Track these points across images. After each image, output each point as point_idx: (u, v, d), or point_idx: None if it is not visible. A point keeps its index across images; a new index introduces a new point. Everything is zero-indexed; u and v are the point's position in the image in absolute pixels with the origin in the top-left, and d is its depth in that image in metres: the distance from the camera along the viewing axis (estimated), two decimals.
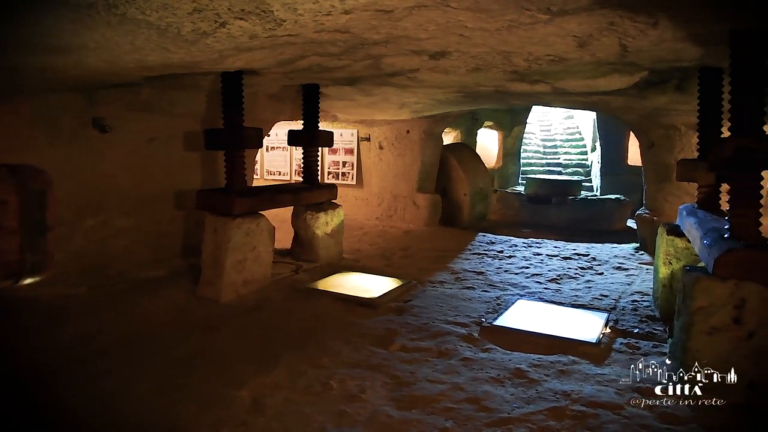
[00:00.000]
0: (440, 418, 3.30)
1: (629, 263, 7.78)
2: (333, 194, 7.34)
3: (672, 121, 8.07)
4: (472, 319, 5.07)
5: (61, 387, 3.59)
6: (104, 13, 2.79)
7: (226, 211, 5.45)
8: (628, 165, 14.95)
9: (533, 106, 15.84)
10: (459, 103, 8.35)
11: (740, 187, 3.70)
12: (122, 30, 3.16)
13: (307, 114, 6.96)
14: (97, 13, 2.79)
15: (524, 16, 3.45)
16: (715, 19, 3.37)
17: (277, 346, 4.32)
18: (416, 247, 8.52)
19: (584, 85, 5.90)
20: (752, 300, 3.38)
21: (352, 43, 4.25)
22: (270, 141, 11.74)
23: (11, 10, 2.67)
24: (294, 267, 6.66)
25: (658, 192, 8.64)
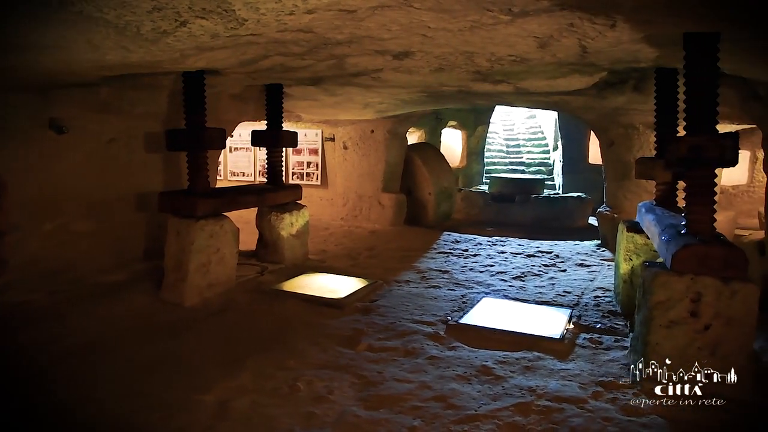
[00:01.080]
0: (408, 417, 3.31)
1: (591, 260, 7.94)
2: (298, 195, 7.29)
3: (631, 120, 8.27)
4: (438, 318, 5.10)
5: (16, 397, 3.47)
6: (60, 10, 2.71)
7: (189, 213, 5.36)
8: (589, 163, 15.24)
9: (496, 106, 15.99)
10: (423, 102, 8.39)
11: (695, 184, 3.81)
12: (79, 28, 3.09)
13: (270, 114, 6.91)
14: (53, 11, 2.71)
15: (486, 16, 3.48)
16: (669, 23, 3.45)
17: (243, 349, 4.28)
18: (382, 246, 8.54)
19: (546, 85, 5.99)
20: (708, 293, 3.48)
21: (315, 43, 4.23)
22: (233, 141, 11.60)
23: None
24: (259, 269, 6.59)
25: (618, 189, 8.85)
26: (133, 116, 5.95)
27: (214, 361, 4.05)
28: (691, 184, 3.84)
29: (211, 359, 4.10)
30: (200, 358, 4.11)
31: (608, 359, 4.21)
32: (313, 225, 8.21)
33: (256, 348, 4.31)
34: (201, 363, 4.03)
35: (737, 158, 3.65)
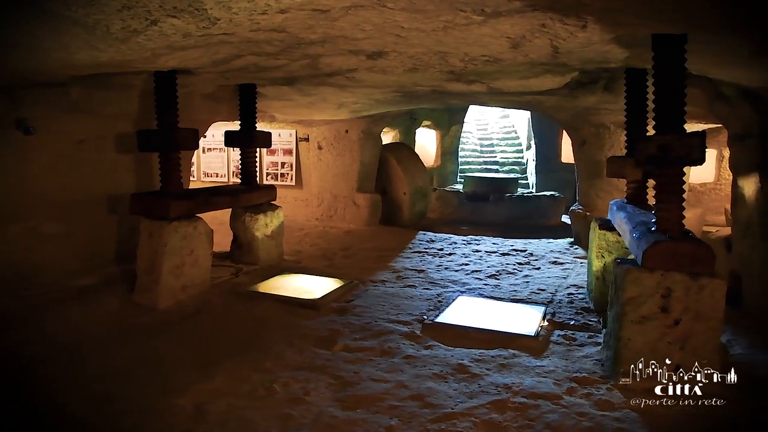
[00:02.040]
0: (385, 416, 3.32)
1: (564, 257, 8.04)
2: (272, 195, 7.25)
3: (602, 119, 8.40)
4: (414, 317, 5.12)
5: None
6: (26, 7, 2.66)
7: (161, 215, 5.29)
8: (561, 162, 15.43)
9: (470, 106, 16.09)
10: (397, 102, 8.41)
11: (664, 182, 3.88)
12: (47, 27, 3.03)
13: (244, 114, 6.85)
14: (19, 8, 2.65)
15: (459, 17, 3.50)
16: (638, 24, 3.51)
17: (219, 352, 4.24)
18: (357, 246, 8.53)
19: (518, 85, 6.05)
20: (677, 289, 3.56)
21: (288, 43, 4.21)
22: (206, 142, 11.48)
23: None
24: (234, 270, 6.54)
25: (590, 188, 8.97)
26: (104, 116, 5.85)
27: (189, 364, 4.00)
28: (661, 182, 3.91)
29: (186, 362, 4.05)
30: (175, 362, 4.06)
31: (582, 355, 4.27)
32: (288, 225, 8.17)
33: (231, 350, 4.27)
34: (176, 366, 3.98)
35: (704, 157, 3.73)
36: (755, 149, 5.07)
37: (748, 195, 5.30)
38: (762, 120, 4.94)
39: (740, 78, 4.63)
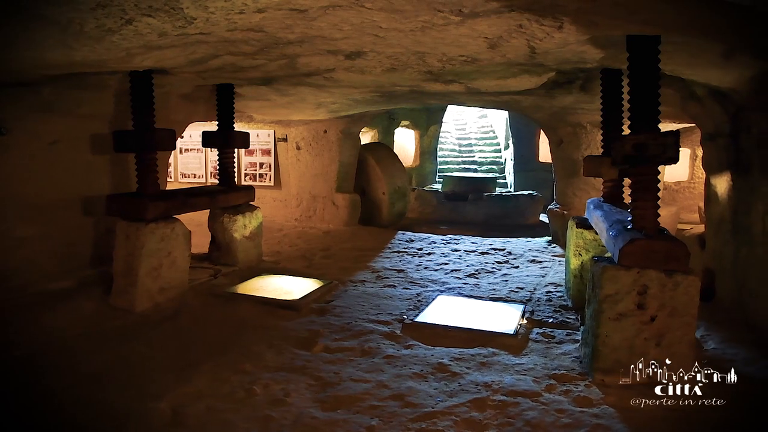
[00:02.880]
0: (366, 416, 3.32)
1: (543, 256, 8.11)
2: (250, 196, 7.20)
3: (578, 119, 8.49)
4: (394, 317, 5.12)
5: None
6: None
7: (138, 217, 5.23)
8: (539, 162, 15.58)
9: (448, 106, 16.19)
10: (376, 102, 8.41)
11: (640, 180, 3.94)
12: (18, 25, 2.97)
13: (221, 115, 6.80)
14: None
15: (437, 17, 3.52)
16: (613, 25, 3.56)
17: (198, 354, 4.19)
18: (336, 247, 8.51)
19: (496, 85, 6.09)
20: (653, 286, 3.61)
21: (266, 43, 4.19)
22: (184, 143, 11.37)
23: None
24: (212, 272, 6.48)
25: (568, 187, 9.07)
26: (79, 117, 5.76)
27: (168, 367, 3.96)
28: (636, 180, 3.97)
29: (164, 365, 4.00)
30: (153, 365, 4.01)
31: (561, 352, 4.32)
32: (266, 226, 8.13)
33: (210, 352, 4.23)
34: (154, 369, 3.93)
35: (678, 155, 3.79)
36: (726, 148, 5.17)
37: (720, 193, 5.40)
38: (732, 120, 5.04)
39: (711, 79, 4.72)
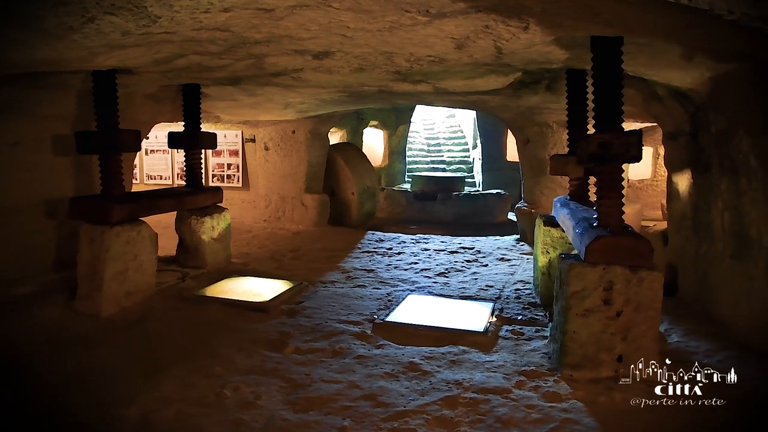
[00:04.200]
0: (338, 417, 3.31)
1: (511, 254, 8.21)
2: (218, 197, 7.12)
3: (545, 118, 8.61)
4: (364, 317, 5.12)
5: None
6: None
7: (103, 219, 5.12)
8: (507, 161, 15.76)
9: (417, 106, 16.25)
10: (344, 102, 8.40)
11: (604, 178, 4.01)
12: None
13: (187, 115, 6.70)
14: None
15: (404, 17, 3.53)
16: (577, 27, 3.62)
17: (166, 358, 4.13)
18: (306, 247, 8.48)
19: (464, 85, 6.14)
20: (619, 282, 3.68)
21: (233, 42, 4.14)
22: (149, 144, 11.19)
23: None
24: (180, 274, 6.38)
25: (535, 185, 9.19)
26: (39, 117, 5.61)
27: (136, 372, 3.88)
28: (601, 178, 4.04)
29: (131, 371, 3.93)
30: (120, 370, 3.93)
31: (530, 349, 4.37)
32: (235, 228, 8.05)
33: (179, 356, 4.17)
34: (121, 375, 3.85)
35: (641, 154, 3.88)
36: (687, 147, 5.30)
37: (681, 191, 5.54)
38: (692, 119, 5.18)
39: (672, 79, 4.84)
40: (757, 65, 3.71)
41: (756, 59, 3.62)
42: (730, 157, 4.49)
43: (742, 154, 4.29)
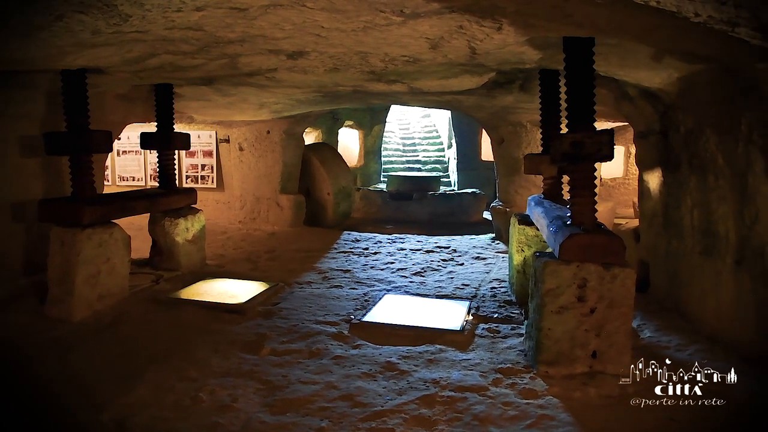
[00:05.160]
0: (315, 418, 3.30)
1: (487, 253, 8.27)
2: (192, 199, 7.04)
3: (519, 118, 8.70)
4: (341, 317, 5.12)
5: None
6: None
7: (74, 222, 5.03)
8: (482, 160, 15.86)
9: (392, 106, 16.26)
10: (319, 102, 8.37)
11: (578, 177, 4.07)
12: None
13: (160, 115, 6.62)
14: None
15: (379, 17, 3.53)
16: (550, 27, 3.67)
17: (140, 362, 4.06)
18: (282, 248, 8.43)
19: (438, 85, 6.17)
20: (592, 279, 3.74)
21: (206, 42, 4.11)
22: (121, 144, 11.03)
23: None
24: (154, 277, 6.30)
25: (509, 184, 9.27)
26: (6, 118, 5.48)
27: (109, 377, 3.82)
28: (574, 177, 4.10)
29: (105, 375, 3.86)
30: (93, 375, 3.86)
31: (506, 347, 4.41)
32: (209, 229, 7.97)
33: (154, 360, 4.11)
34: (94, 380, 3.78)
35: (613, 153, 3.94)
36: (657, 146, 5.40)
37: (652, 188, 5.64)
38: (661, 119, 5.27)
39: (642, 79, 4.92)
40: (723, 67, 3.79)
41: (721, 61, 3.71)
42: (698, 155, 4.58)
43: (709, 153, 4.39)
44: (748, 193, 3.87)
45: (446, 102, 8.24)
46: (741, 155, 3.92)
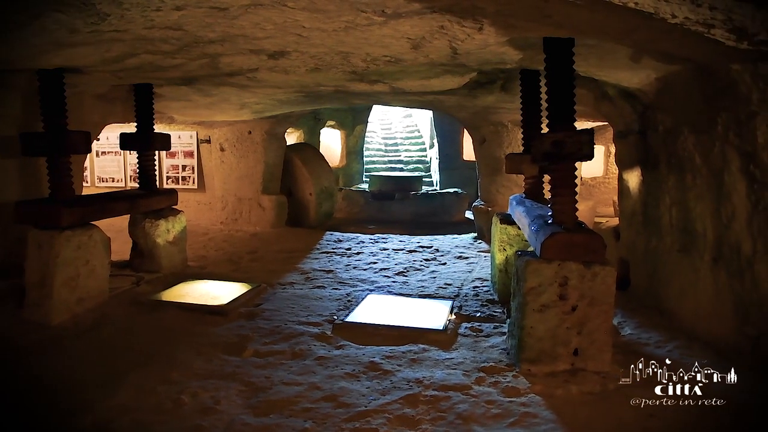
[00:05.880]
0: (299, 419, 3.29)
1: (469, 252, 8.30)
2: (173, 200, 6.98)
3: (500, 118, 8.75)
4: (324, 318, 5.10)
5: None
6: None
7: (52, 224, 4.95)
8: (463, 160, 15.93)
9: (374, 106, 16.27)
10: (300, 103, 8.35)
11: (559, 176, 4.11)
12: None
13: (140, 116, 6.54)
14: None
15: (360, 17, 3.53)
16: (529, 28, 3.70)
17: (121, 365, 4.01)
18: (264, 249, 8.39)
19: (420, 85, 6.18)
20: (573, 277, 3.77)
21: (186, 41, 4.07)
22: (100, 145, 10.89)
23: None
24: (135, 279, 6.24)
25: (491, 184, 9.33)
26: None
27: (90, 381, 3.76)
28: (555, 176, 4.13)
29: (85, 379, 3.80)
30: (73, 380, 3.81)
31: (489, 345, 4.43)
32: (191, 230, 7.91)
33: (135, 363, 4.06)
34: (74, 384, 3.73)
35: (593, 152, 3.98)
36: (636, 145, 5.47)
37: (632, 187, 5.71)
38: (640, 118, 5.34)
39: (621, 80, 4.98)
40: (699, 68, 3.85)
41: (698, 62, 3.77)
42: (676, 155, 4.65)
43: (687, 152, 4.45)
44: (725, 191, 3.93)
45: (428, 102, 8.26)
46: (717, 154, 3.98)
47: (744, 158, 3.68)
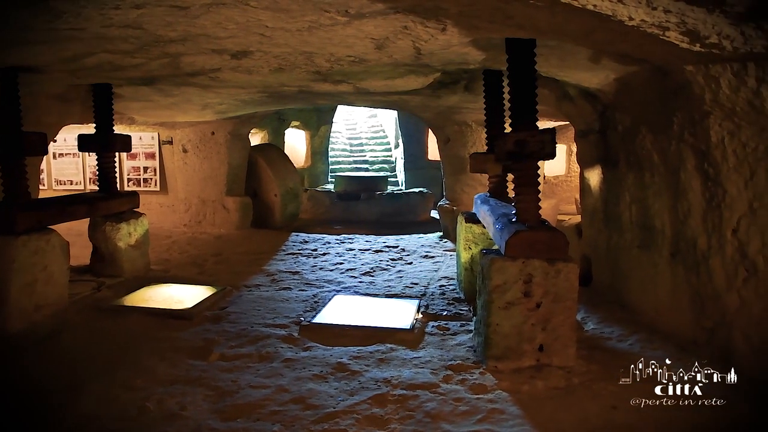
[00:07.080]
0: (267, 423, 3.26)
1: (435, 251, 8.36)
2: (135, 202, 6.85)
3: (464, 118, 8.82)
4: (291, 320, 5.08)
5: None
6: None
7: (6, 229, 4.79)
8: (428, 160, 16.03)
9: (339, 106, 16.23)
10: (264, 103, 8.28)
11: (522, 175, 4.16)
12: None
13: (99, 116, 6.39)
14: None
15: (324, 17, 3.52)
16: (492, 29, 3.73)
17: (83, 373, 3.91)
18: (229, 251, 8.30)
19: (384, 85, 6.19)
20: (537, 274, 3.83)
21: (146, 40, 3.99)
22: (57, 147, 10.61)
23: None
24: (95, 284, 6.09)
25: (456, 183, 9.40)
26: None
27: (50, 391, 3.65)
28: (518, 175, 4.19)
29: (45, 389, 3.70)
30: (32, 390, 3.70)
31: (455, 344, 4.47)
32: (154, 233, 7.77)
33: (97, 370, 3.96)
34: (34, 395, 3.61)
35: (555, 151, 4.05)
36: (597, 144, 5.58)
37: (593, 185, 5.83)
38: (600, 118, 5.46)
39: (581, 80, 5.08)
40: (656, 68, 3.96)
41: (654, 63, 3.87)
42: (635, 153, 4.76)
43: (645, 151, 4.57)
44: (681, 189, 4.05)
45: (392, 102, 8.28)
46: (674, 153, 4.10)
47: (699, 156, 3.80)
